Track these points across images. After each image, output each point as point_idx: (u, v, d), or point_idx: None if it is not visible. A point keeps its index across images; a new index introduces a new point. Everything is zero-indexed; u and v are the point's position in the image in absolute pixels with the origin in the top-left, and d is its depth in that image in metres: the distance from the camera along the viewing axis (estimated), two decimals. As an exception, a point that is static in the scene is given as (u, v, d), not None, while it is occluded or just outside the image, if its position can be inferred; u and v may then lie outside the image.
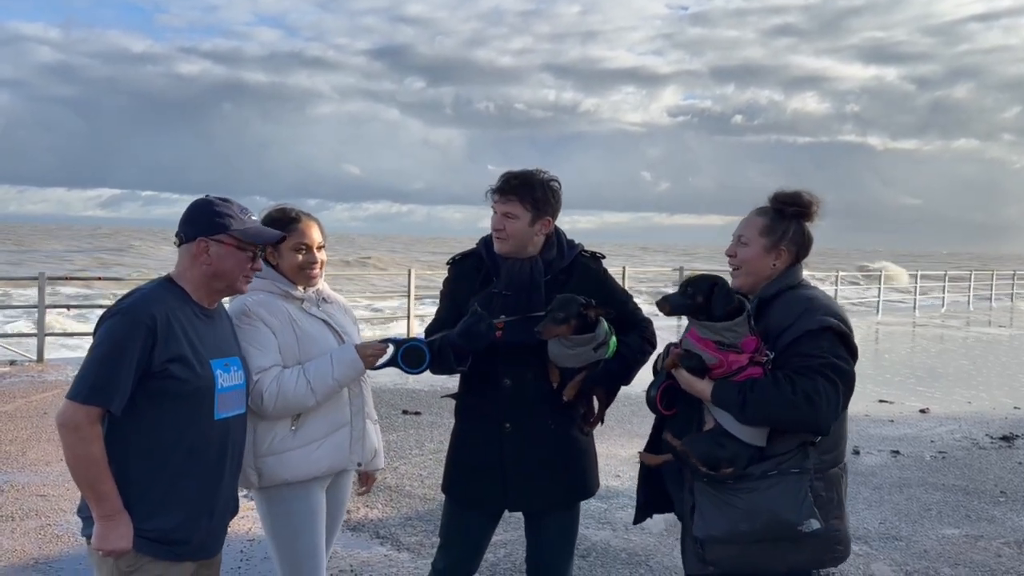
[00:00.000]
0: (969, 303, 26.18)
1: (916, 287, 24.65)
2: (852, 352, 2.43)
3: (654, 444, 2.68)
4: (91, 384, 2.23)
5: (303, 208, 2.87)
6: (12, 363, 10.56)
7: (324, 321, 2.82)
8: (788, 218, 2.54)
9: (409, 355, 2.71)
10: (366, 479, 3.21)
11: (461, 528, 2.94)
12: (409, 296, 13.91)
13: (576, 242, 2.96)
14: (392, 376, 2.65)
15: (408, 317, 13.88)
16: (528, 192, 2.78)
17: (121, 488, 2.29)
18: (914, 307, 23.72)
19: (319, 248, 2.83)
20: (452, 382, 3.00)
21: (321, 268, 2.86)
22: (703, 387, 2.42)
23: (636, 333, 2.91)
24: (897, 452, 7.26)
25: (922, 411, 9.19)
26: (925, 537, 5.16)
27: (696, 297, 2.43)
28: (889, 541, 5.06)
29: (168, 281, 2.45)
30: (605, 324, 2.72)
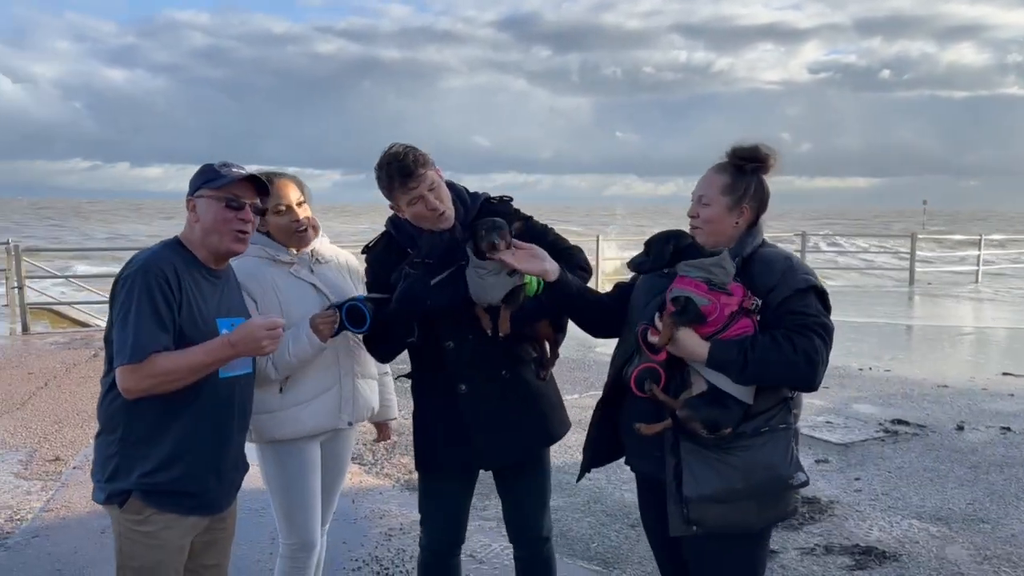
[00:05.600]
0: None
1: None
2: (829, 310, 2.45)
3: (612, 400, 2.64)
4: (132, 344, 2.29)
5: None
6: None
7: (312, 285, 2.86)
8: (748, 174, 2.50)
9: (352, 315, 2.71)
10: (382, 430, 3.27)
11: (437, 500, 2.94)
12: (597, 264, 14.62)
13: (479, 192, 2.89)
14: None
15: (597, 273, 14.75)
16: (426, 158, 2.70)
17: (130, 443, 2.39)
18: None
19: (299, 205, 2.85)
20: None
21: (310, 226, 2.89)
22: (701, 349, 2.36)
23: (565, 262, 2.81)
24: (1008, 429, 6.69)
25: (1050, 385, 8.46)
26: (1016, 521, 4.75)
27: (648, 251, 2.49)
28: (973, 524, 4.69)
29: (176, 243, 2.51)
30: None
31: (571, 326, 2.91)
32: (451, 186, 2.83)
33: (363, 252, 2.93)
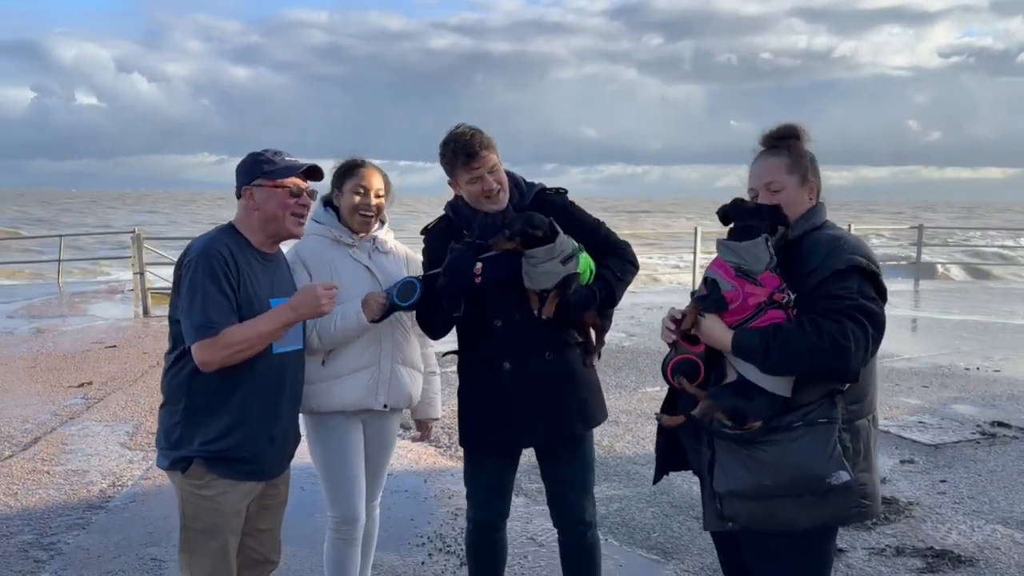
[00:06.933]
0: None
1: None
2: (881, 293, 2.29)
3: (670, 403, 2.58)
4: (203, 321, 2.49)
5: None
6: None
7: (367, 268, 3.01)
8: (799, 151, 2.43)
9: (404, 292, 2.87)
10: (421, 427, 3.39)
11: (481, 476, 3.03)
12: (695, 250, 15.57)
13: (536, 182, 2.98)
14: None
15: (693, 268, 15.59)
16: (490, 141, 2.84)
17: (191, 413, 2.58)
18: None
19: (377, 195, 3.03)
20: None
21: (377, 215, 3.05)
22: (725, 336, 2.30)
23: (615, 256, 2.93)
24: (1122, 436, 6.27)
25: None
26: (1114, 531, 4.47)
27: (727, 210, 2.39)
28: (1064, 532, 4.44)
29: (231, 228, 2.70)
30: (571, 240, 2.76)
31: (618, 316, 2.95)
32: (509, 174, 2.94)
33: (421, 233, 3.06)
